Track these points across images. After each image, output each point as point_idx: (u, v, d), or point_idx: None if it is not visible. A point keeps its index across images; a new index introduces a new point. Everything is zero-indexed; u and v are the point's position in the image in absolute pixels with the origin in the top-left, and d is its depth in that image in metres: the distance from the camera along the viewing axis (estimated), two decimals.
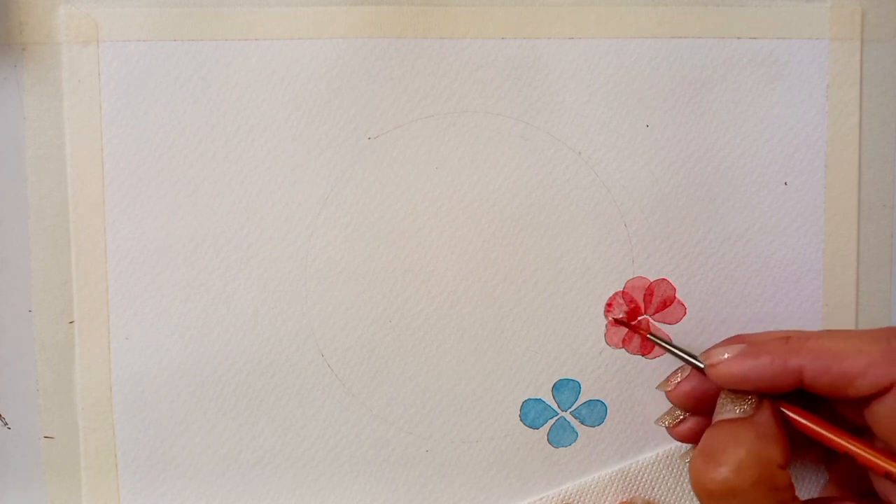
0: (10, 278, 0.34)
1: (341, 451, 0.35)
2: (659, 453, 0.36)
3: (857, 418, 0.30)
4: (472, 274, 0.35)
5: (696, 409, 0.33)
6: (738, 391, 0.30)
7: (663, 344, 0.34)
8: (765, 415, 0.29)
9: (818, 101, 0.35)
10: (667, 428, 0.34)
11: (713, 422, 0.30)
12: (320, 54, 0.34)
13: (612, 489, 0.36)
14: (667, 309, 0.36)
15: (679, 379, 0.32)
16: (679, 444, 0.36)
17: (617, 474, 0.36)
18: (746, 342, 0.30)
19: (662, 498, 0.36)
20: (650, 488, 0.36)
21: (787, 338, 0.29)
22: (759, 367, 0.29)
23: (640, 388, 0.36)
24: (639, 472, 0.36)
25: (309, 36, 0.34)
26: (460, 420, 0.36)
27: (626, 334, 0.36)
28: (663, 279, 0.36)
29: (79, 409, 0.35)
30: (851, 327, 0.36)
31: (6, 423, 0.35)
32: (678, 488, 0.36)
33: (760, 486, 0.27)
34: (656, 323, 0.36)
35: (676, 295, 0.36)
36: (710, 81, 0.35)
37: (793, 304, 0.36)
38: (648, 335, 0.35)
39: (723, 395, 0.30)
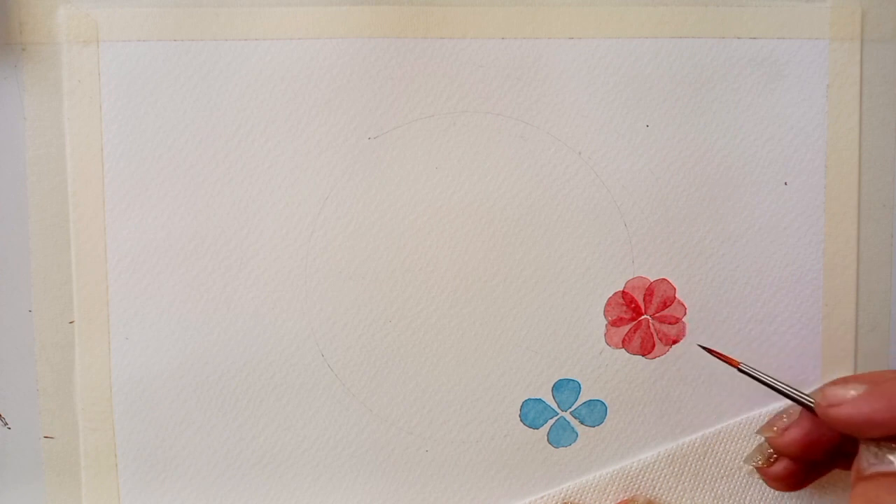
0: (10, 278, 0.34)
1: (341, 451, 0.35)
2: (660, 452, 0.36)
3: None
4: (472, 274, 0.35)
5: (801, 456, 0.30)
6: (882, 440, 0.27)
7: (764, 379, 0.31)
8: None
9: (818, 101, 0.35)
10: (757, 468, 0.31)
11: (863, 473, 0.27)
12: (320, 54, 0.34)
13: (613, 488, 0.36)
14: (667, 309, 0.36)
15: (786, 423, 0.29)
16: (682, 442, 0.36)
17: (618, 473, 0.36)
18: (863, 382, 0.27)
19: (663, 497, 0.36)
20: (651, 487, 0.36)
21: None
22: (891, 409, 0.26)
23: (640, 388, 0.36)
24: (640, 471, 0.36)
25: (309, 36, 0.34)
26: (460, 420, 0.36)
27: (627, 334, 0.36)
28: (663, 279, 0.36)
29: (79, 409, 0.35)
30: (851, 328, 0.36)
31: (6, 423, 0.35)
32: (679, 487, 0.36)
33: None
34: (657, 323, 0.36)
35: (676, 295, 0.36)
36: (710, 81, 0.35)
37: (793, 304, 0.36)
38: (740, 367, 0.32)
39: (867, 444, 0.27)
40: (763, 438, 0.32)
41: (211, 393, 0.35)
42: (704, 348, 0.34)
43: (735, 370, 0.32)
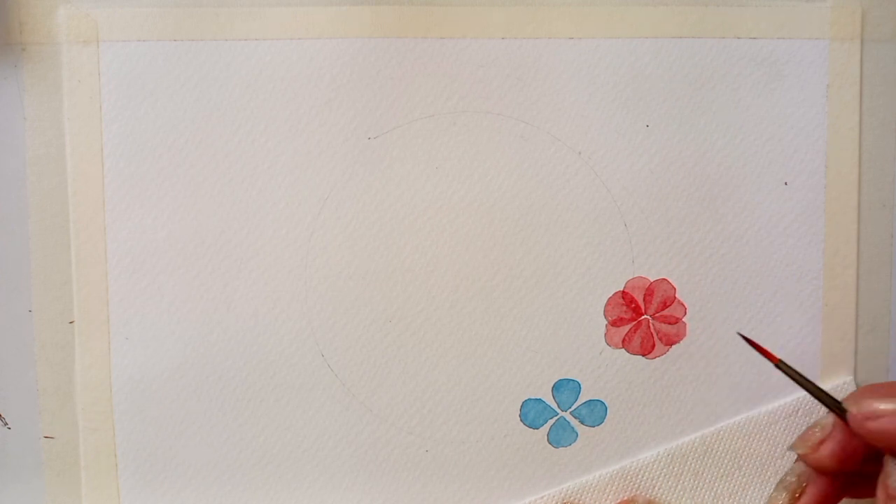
0: (10, 278, 0.34)
1: (341, 451, 0.35)
2: (660, 452, 0.36)
3: None
4: (472, 274, 0.35)
5: (839, 468, 0.27)
6: None
7: (801, 380, 0.29)
8: None
9: (818, 101, 0.35)
10: None
11: (889, 492, 0.25)
12: (320, 54, 0.34)
13: (613, 488, 0.36)
14: (667, 309, 0.36)
15: (819, 437, 0.27)
16: (682, 442, 0.36)
17: (618, 473, 0.36)
18: None
19: (663, 497, 0.36)
20: (651, 487, 0.36)
21: None
22: None
23: (640, 388, 0.36)
24: (640, 471, 0.36)
25: (309, 36, 0.34)
26: (460, 420, 0.36)
27: (627, 334, 0.36)
28: (663, 279, 0.36)
29: (79, 409, 0.35)
30: (851, 328, 0.36)
31: (6, 423, 0.35)
32: (679, 487, 0.36)
33: None
34: (657, 323, 0.36)
35: (676, 295, 0.36)
36: (710, 81, 0.35)
37: (793, 304, 0.36)
38: (779, 363, 0.30)
39: (892, 460, 0.25)
40: (789, 467, 0.29)
41: (211, 393, 0.35)
42: (744, 338, 0.31)
43: (773, 366, 0.30)
